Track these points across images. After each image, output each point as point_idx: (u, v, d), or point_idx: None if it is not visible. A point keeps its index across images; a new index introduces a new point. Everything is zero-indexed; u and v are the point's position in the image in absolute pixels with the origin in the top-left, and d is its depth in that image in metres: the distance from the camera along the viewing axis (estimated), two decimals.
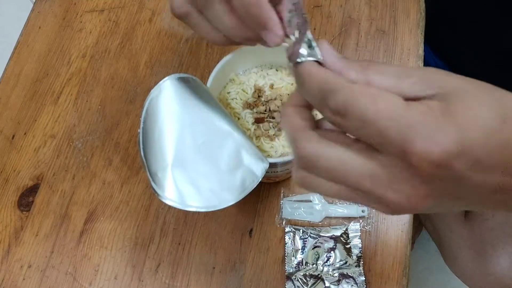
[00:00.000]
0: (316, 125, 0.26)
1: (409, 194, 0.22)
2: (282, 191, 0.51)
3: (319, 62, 0.25)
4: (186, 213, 0.50)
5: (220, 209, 0.36)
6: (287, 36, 0.29)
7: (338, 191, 0.25)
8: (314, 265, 0.47)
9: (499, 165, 0.22)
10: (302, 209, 0.50)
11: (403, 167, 0.22)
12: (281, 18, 0.29)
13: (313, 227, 0.49)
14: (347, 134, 0.25)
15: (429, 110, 0.22)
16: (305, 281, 0.46)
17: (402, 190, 0.22)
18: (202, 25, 0.33)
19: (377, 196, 0.23)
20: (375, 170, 0.23)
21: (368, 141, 0.23)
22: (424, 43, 0.60)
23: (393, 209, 0.23)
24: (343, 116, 0.22)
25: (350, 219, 0.50)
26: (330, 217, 0.50)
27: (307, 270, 0.47)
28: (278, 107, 0.44)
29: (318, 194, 0.51)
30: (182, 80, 0.38)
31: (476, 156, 0.21)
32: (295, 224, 0.50)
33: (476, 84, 0.23)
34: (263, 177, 0.37)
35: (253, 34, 0.31)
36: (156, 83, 0.37)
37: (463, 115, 0.21)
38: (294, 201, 0.51)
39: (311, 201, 0.50)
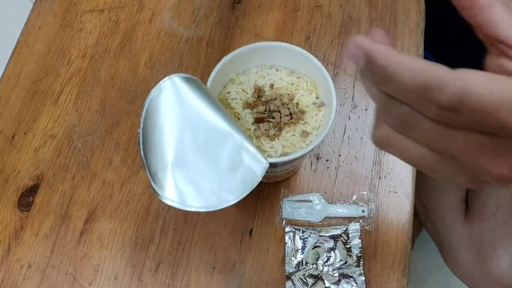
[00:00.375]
0: None
1: None
2: (282, 191, 0.51)
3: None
4: (186, 213, 0.50)
5: (220, 209, 0.36)
6: None
7: (422, 155, 0.23)
8: (314, 265, 0.47)
9: None
10: (302, 209, 0.50)
11: None
12: None
13: (313, 227, 0.49)
14: None
15: None
16: (305, 281, 0.46)
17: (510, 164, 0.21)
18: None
19: (477, 167, 0.22)
20: (485, 141, 0.21)
21: (485, 130, 0.21)
22: (425, 43, 0.60)
23: (491, 181, 0.22)
24: (455, 111, 0.20)
25: (350, 219, 0.50)
26: (330, 217, 0.50)
27: (307, 270, 0.47)
28: (278, 107, 0.44)
29: (318, 194, 0.51)
30: (182, 80, 0.38)
31: None
32: (295, 224, 0.50)
33: None
34: (263, 177, 0.37)
35: None
36: (156, 83, 0.37)
37: None
38: (294, 201, 0.51)
39: (311, 201, 0.50)
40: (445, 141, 0.22)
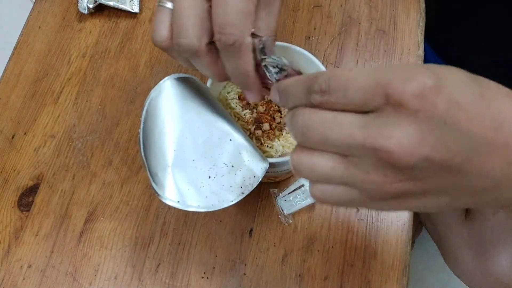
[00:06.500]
0: None
1: (400, 136, 0.22)
2: (272, 193, 0.51)
3: None
4: (186, 213, 0.50)
5: (220, 209, 0.36)
6: (266, 87, 0.34)
7: (332, 166, 0.25)
8: None
9: (477, 112, 0.22)
10: (298, 196, 0.50)
11: (390, 111, 0.22)
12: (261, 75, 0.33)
13: None
14: None
15: (403, 65, 0.24)
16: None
17: (393, 134, 0.22)
18: (185, 63, 0.35)
19: (369, 147, 0.23)
20: (364, 120, 0.24)
21: (355, 105, 0.24)
22: (425, 42, 0.60)
23: (388, 161, 0.23)
24: (328, 92, 0.25)
25: None
26: None
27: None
28: (278, 107, 0.44)
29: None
30: (182, 80, 0.38)
31: (453, 96, 0.22)
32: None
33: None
34: (263, 177, 0.37)
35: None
36: (156, 83, 0.37)
37: (437, 68, 0.23)
38: (288, 194, 0.51)
39: (303, 185, 0.51)
40: (337, 134, 0.24)
